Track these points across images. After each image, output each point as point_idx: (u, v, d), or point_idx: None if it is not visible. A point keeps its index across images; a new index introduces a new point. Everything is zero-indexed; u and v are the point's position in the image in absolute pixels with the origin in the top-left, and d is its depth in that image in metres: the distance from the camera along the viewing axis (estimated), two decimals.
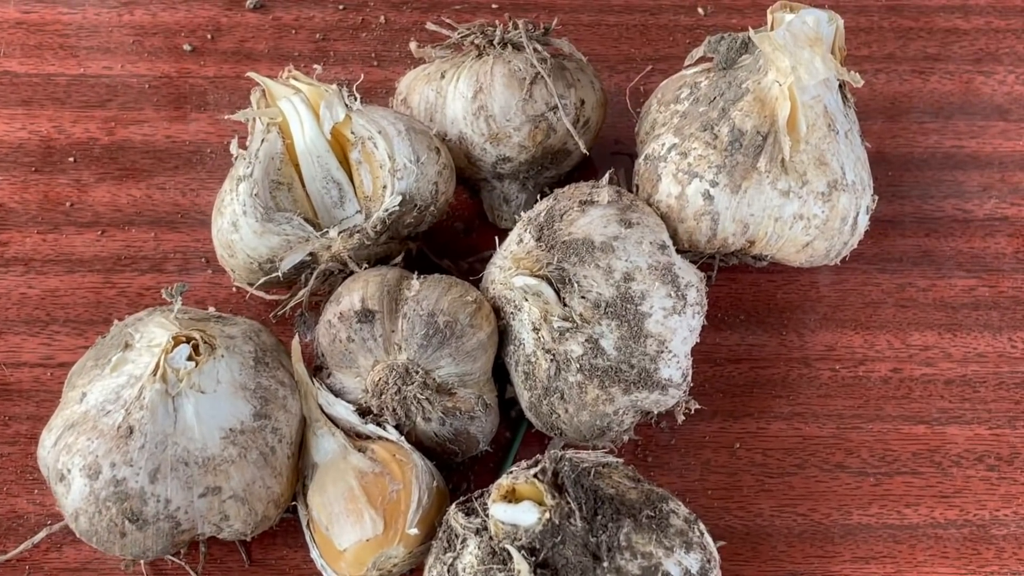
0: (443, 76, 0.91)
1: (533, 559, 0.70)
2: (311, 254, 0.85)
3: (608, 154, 1.00)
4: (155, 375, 0.76)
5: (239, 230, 0.84)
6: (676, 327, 0.81)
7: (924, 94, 1.03)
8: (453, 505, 0.76)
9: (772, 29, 0.84)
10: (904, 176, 1.00)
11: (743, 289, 0.95)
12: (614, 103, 1.00)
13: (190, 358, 0.77)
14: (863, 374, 0.92)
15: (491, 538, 0.72)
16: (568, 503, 0.72)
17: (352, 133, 0.85)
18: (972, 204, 0.98)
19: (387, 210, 0.84)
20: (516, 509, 0.71)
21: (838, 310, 0.94)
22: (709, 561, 0.74)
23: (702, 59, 0.89)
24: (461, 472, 0.88)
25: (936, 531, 0.86)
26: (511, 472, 0.74)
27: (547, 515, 0.71)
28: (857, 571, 0.85)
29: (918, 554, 0.85)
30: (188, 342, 0.77)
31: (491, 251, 0.89)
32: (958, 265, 0.96)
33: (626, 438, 0.84)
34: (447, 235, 0.97)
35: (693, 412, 0.85)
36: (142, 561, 0.83)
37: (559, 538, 0.71)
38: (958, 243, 0.97)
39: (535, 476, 0.72)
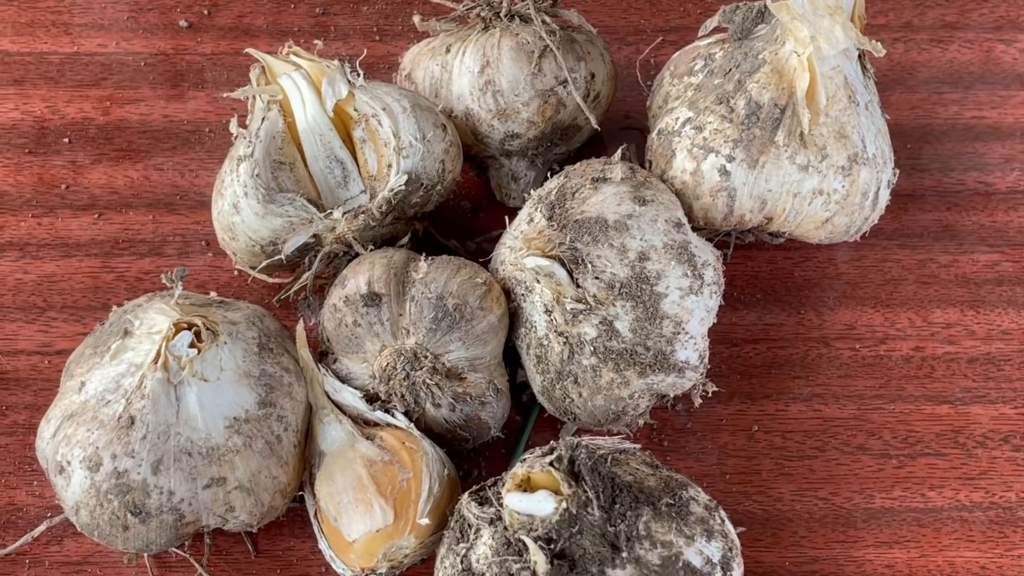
0: (448, 50, 0.88)
1: (550, 550, 0.68)
2: (315, 236, 0.82)
3: (618, 129, 0.97)
4: (156, 363, 0.73)
5: (240, 212, 0.81)
6: (693, 307, 0.78)
7: (943, 64, 1.00)
8: (466, 494, 0.74)
9: None
10: (923, 149, 0.97)
11: (759, 267, 0.92)
12: (623, 76, 0.97)
13: (192, 345, 0.74)
14: (884, 353, 0.89)
15: (506, 528, 0.70)
16: (585, 492, 0.69)
17: (355, 110, 0.82)
18: (994, 176, 0.96)
19: (392, 190, 0.81)
20: (532, 499, 0.69)
21: (857, 288, 0.92)
22: (731, 549, 0.72)
23: (716, 29, 0.86)
24: (472, 459, 0.86)
25: (961, 514, 0.84)
26: (525, 460, 0.71)
27: (564, 505, 0.68)
28: (880, 556, 0.83)
29: (943, 538, 0.83)
30: (190, 328, 0.75)
31: (499, 231, 0.87)
32: (980, 240, 0.93)
33: (641, 422, 0.82)
34: (454, 215, 0.94)
35: (710, 395, 0.82)
36: (145, 554, 0.81)
37: (576, 528, 0.68)
38: (980, 217, 0.94)
39: (551, 464, 0.70)
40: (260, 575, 0.82)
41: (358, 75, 0.83)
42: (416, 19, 0.91)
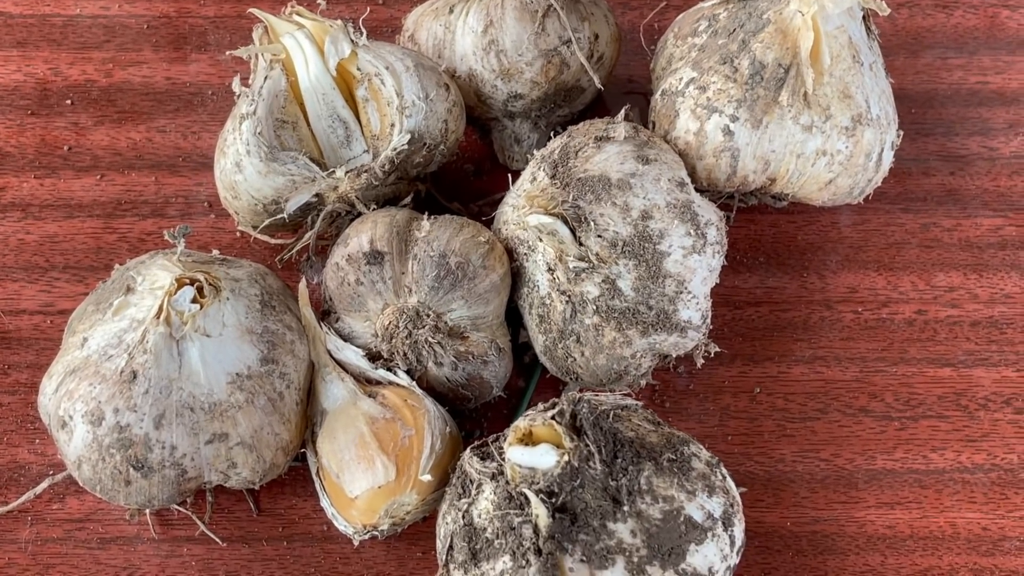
0: (451, 10, 0.88)
1: (551, 503, 0.68)
2: (317, 195, 0.82)
3: (621, 93, 0.97)
4: (158, 318, 0.73)
5: (243, 170, 0.81)
6: (696, 267, 0.78)
7: (948, 29, 1.00)
8: (468, 450, 0.74)
9: None
10: (928, 113, 0.97)
11: (762, 230, 0.92)
12: (627, 41, 0.97)
13: (194, 300, 0.74)
14: (887, 316, 0.89)
15: (507, 483, 0.70)
16: (587, 446, 0.69)
17: (358, 70, 0.82)
18: (998, 141, 0.95)
19: (395, 149, 0.81)
20: (534, 452, 0.69)
21: (860, 251, 0.91)
22: (732, 505, 0.72)
23: None
24: (474, 419, 0.86)
25: (963, 475, 0.84)
26: (528, 415, 0.71)
27: (566, 458, 0.68)
28: (882, 516, 0.83)
29: (944, 499, 0.83)
30: (192, 284, 0.75)
31: (502, 194, 0.87)
32: (984, 204, 0.93)
33: (643, 383, 0.82)
34: (456, 177, 0.94)
35: (712, 355, 0.82)
36: (147, 511, 0.81)
37: (578, 481, 0.69)
38: (984, 181, 0.94)
39: (553, 418, 0.70)
40: (262, 533, 0.82)
41: (361, 34, 0.83)
42: None
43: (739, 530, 0.72)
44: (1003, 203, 0.93)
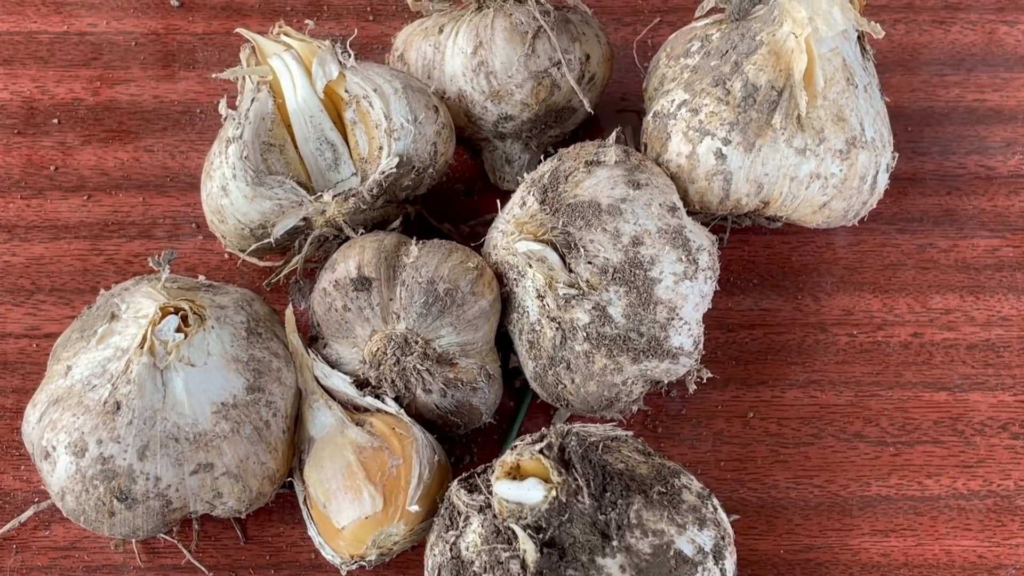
0: (441, 31, 0.87)
1: (539, 538, 0.67)
2: (305, 219, 0.81)
3: (614, 112, 0.96)
4: (142, 348, 0.73)
5: (229, 195, 0.80)
6: (687, 293, 0.77)
7: (945, 45, 0.99)
8: (455, 481, 0.73)
9: None
10: (924, 131, 0.95)
11: (756, 251, 0.91)
12: (620, 57, 0.96)
13: (179, 329, 0.74)
14: (882, 339, 0.88)
15: (495, 516, 0.69)
16: (575, 479, 0.68)
17: (346, 91, 0.81)
18: (995, 160, 0.94)
19: (383, 172, 0.80)
20: (521, 487, 0.68)
21: (856, 273, 0.90)
22: (723, 538, 0.71)
23: (713, 10, 0.84)
24: (463, 445, 0.85)
25: (959, 502, 0.83)
26: (515, 447, 0.71)
27: (553, 493, 0.67)
28: (876, 544, 0.82)
29: (940, 526, 0.82)
30: (176, 313, 0.74)
31: (493, 214, 0.86)
32: (981, 224, 0.92)
33: (635, 408, 0.81)
34: (447, 198, 0.93)
35: (705, 381, 0.81)
36: (133, 540, 0.80)
37: (566, 516, 0.68)
38: (981, 201, 0.93)
39: (540, 452, 0.69)
40: (249, 561, 0.81)
41: (349, 55, 0.82)
42: None
43: (730, 563, 0.72)
44: (1000, 223, 0.92)
